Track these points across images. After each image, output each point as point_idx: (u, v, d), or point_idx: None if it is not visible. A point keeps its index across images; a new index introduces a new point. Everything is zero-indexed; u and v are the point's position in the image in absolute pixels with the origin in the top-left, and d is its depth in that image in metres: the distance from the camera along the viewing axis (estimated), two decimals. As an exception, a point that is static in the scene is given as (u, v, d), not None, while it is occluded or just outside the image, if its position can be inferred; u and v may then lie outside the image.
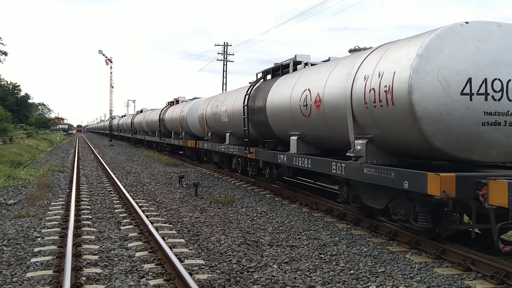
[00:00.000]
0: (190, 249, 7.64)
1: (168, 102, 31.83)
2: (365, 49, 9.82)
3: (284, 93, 12.11)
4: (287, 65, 13.43)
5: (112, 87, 65.49)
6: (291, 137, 11.80)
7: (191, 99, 27.18)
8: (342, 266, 6.83)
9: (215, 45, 51.97)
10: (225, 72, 50.22)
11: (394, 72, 7.39)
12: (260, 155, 13.99)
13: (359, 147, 8.52)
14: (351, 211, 10.05)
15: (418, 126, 7.03)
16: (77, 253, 7.05)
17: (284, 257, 7.24)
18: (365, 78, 8.20)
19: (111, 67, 64.40)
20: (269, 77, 14.80)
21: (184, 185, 15.76)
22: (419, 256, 7.41)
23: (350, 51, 10.36)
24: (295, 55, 13.26)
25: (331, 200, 11.93)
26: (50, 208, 11.33)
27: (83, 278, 6.08)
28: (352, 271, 6.60)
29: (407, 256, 7.39)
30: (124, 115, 70.55)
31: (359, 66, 8.60)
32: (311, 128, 10.80)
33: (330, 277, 6.33)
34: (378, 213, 9.11)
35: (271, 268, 6.71)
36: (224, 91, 46.45)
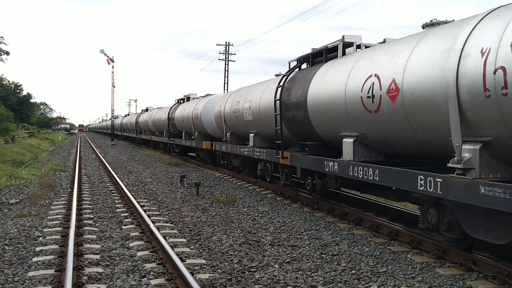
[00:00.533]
0: (192, 249, 7.64)
1: (178, 100, 29.73)
2: (446, 22, 7.63)
3: (333, 82, 9.61)
4: (334, 49, 10.78)
5: (114, 86, 65.47)
6: (344, 139, 9.34)
7: (204, 96, 25.21)
8: (344, 266, 6.82)
9: (217, 44, 52.03)
10: (226, 72, 50.28)
11: None
12: (298, 161, 11.46)
13: (467, 154, 6.10)
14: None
15: None
16: (78, 252, 7.05)
17: (285, 257, 7.23)
18: (483, 53, 5.82)
19: (112, 67, 64.39)
20: (304, 65, 12.42)
21: (186, 185, 15.76)
22: (420, 256, 7.40)
23: (425, 26, 7.94)
24: (343, 36, 10.54)
25: (334, 200, 11.93)
26: (51, 207, 11.35)
27: (85, 277, 6.09)
28: (353, 271, 6.59)
29: (408, 256, 7.38)
30: (128, 114, 69.95)
31: (468, 37, 6.19)
32: (377, 127, 8.28)
33: (331, 277, 6.32)
34: (486, 247, 7.12)
35: (272, 268, 6.71)
36: (226, 90, 46.40)
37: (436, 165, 7.22)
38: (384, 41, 9.62)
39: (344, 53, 10.58)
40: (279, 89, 12.29)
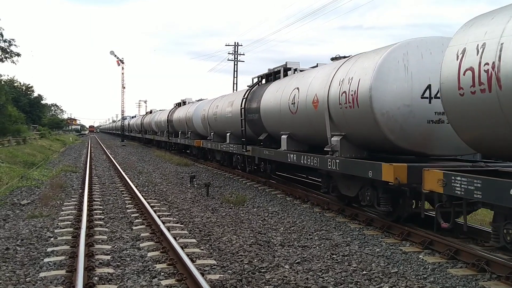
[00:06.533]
0: (202, 249, 7.64)
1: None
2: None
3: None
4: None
5: (124, 87, 65.78)
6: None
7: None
8: (355, 267, 6.78)
9: (226, 45, 52.04)
10: (235, 72, 50.30)
11: None
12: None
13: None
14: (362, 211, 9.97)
15: None
16: (89, 253, 7.08)
17: (296, 258, 7.21)
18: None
19: (122, 68, 64.71)
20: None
21: (196, 185, 15.78)
22: (432, 256, 7.33)
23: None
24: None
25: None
26: (63, 208, 11.41)
27: (96, 278, 6.11)
28: (364, 272, 6.55)
29: (420, 256, 7.32)
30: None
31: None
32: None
33: (342, 278, 6.28)
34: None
35: (283, 268, 6.68)
36: (235, 90, 46.38)
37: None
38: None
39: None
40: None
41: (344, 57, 10.98)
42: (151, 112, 49.61)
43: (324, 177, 11.26)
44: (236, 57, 51.08)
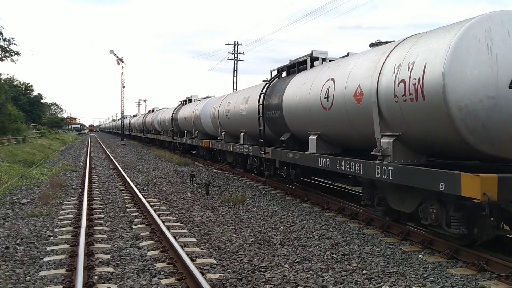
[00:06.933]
0: (202, 248, 7.64)
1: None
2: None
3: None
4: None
5: (124, 86, 65.79)
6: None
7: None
8: (354, 266, 6.78)
9: (226, 44, 52.19)
10: (235, 71, 50.29)
11: None
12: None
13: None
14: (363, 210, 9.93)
15: None
16: (89, 252, 7.08)
17: (295, 257, 7.21)
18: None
19: (122, 67, 64.72)
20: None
21: (195, 184, 15.78)
22: (432, 256, 7.33)
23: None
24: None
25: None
26: (62, 207, 11.41)
27: (96, 277, 6.11)
28: (364, 271, 6.55)
29: (420, 256, 7.32)
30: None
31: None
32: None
33: (342, 277, 6.29)
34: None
35: (282, 267, 6.68)
36: (235, 90, 46.38)
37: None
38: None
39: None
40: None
41: (387, 42, 9.29)
42: (153, 110, 47.69)
43: (367, 187, 9.34)
44: (236, 56, 51.12)
